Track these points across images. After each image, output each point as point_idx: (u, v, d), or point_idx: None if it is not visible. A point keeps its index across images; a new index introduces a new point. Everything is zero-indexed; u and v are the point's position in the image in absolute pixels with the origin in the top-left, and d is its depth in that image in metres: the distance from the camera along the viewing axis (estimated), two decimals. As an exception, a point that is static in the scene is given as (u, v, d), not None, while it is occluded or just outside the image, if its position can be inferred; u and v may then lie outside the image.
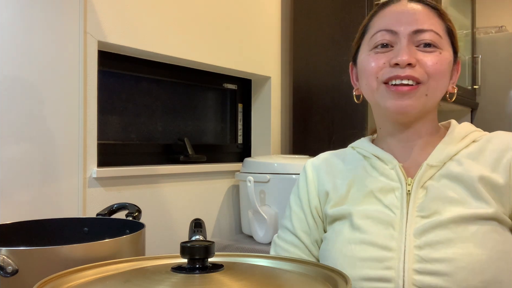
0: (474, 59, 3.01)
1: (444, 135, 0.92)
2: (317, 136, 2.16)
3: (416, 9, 0.89)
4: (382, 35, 0.88)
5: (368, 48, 0.91)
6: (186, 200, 1.76)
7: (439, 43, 0.87)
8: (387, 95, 0.86)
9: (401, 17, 0.88)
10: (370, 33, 0.91)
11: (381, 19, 0.91)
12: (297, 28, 2.26)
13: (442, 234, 0.80)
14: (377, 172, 0.92)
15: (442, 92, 0.89)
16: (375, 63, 0.88)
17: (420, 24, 0.86)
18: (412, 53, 0.85)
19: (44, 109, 1.29)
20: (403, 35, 0.86)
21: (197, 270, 0.57)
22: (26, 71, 1.25)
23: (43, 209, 1.28)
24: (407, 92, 0.84)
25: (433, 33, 0.86)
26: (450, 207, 0.82)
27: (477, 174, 0.83)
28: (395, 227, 0.84)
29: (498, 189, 0.83)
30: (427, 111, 0.89)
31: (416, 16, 0.87)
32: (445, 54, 0.87)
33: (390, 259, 0.82)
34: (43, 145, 1.29)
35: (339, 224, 0.91)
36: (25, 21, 1.25)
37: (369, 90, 0.90)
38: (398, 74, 0.84)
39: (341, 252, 0.86)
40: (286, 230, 0.99)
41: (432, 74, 0.85)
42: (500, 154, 0.85)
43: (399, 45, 0.86)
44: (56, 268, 0.63)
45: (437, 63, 0.85)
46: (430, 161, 0.87)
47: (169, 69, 1.83)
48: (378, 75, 0.87)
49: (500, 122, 2.94)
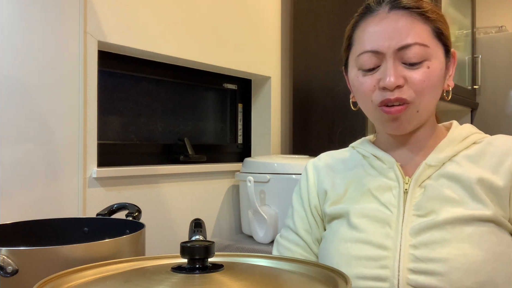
0: (474, 59, 3.01)
1: (444, 136, 0.92)
2: (317, 136, 2.16)
3: (397, 18, 0.84)
4: (368, 57, 0.85)
5: (355, 66, 0.89)
6: (186, 200, 1.76)
7: (426, 55, 0.84)
8: (383, 118, 0.86)
9: (383, 32, 0.84)
10: (355, 50, 0.89)
11: (364, 36, 0.87)
12: (297, 28, 2.26)
13: (438, 235, 0.80)
14: (375, 171, 0.92)
15: (434, 102, 0.88)
16: (366, 86, 0.86)
17: (403, 38, 0.83)
18: (398, 72, 0.83)
19: (44, 109, 1.29)
20: (389, 55, 0.83)
21: (197, 270, 0.57)
22: (26, 71, 1.25)
23: (43, 209, 1.28)
24: (399, 115, 0.84)
25: (418, 46, 0.83)
26: (447, 207, 0.82)
27: (476, 176, 0.83)
28: (392, 226, 0.84)
29: (497, 192, 0.82)
30: (424, 121, 0.89)
31: (399, 30, 0.83)
32: (434, 65, 0.84)
33: (386, 258, 0.82)
34: (43, 145, 1.29)
35: (336, 223, 0.92)
36: (25, 21, 1.25)
37: (367, 112, 0.91)
38: (389, 98, 0.83)
39: (338, 251, 0.87)
40: (289, 229, 1.01)
41: (420, 92, 0.83)
42: (501, 158, 0.84)
43: (385, 65, 0.84)
44: (56, 268, 0.63)
45: (425, 81, 0.83)
46: (429, 161, 0.87)
47: (169, 69, 1.83)
48: (372, 98, 0.86)
49: (500, 122, 2.94)
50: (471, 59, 3.00)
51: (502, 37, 3.08)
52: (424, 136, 0.91)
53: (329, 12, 2.14)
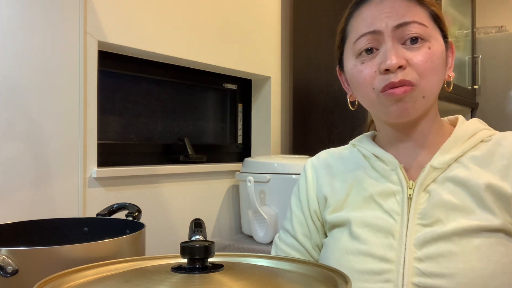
0: (474, 59, 3.01)
1: (449, 133, 0.87)
2: (317, 136, 2.16)
3: (393, 2, 0.82)
4: (366, 39, 0.82)
5: (353, 55, 0.85)
6: (186, 200, 1.76)
7: (426, 35, 0.81)
8: (388, 103, 0.81)
9: (380, 12, 0.81)
10: (351, 38, 0.86)
11: (360, 21, 0.85)
12: (297, 28, 2.26)
13: (445, 247, 0.76)
14: (377, 174, 0.88)
15: (438, 88, 0.84)
16: (366, 73, 0.82)
17: (401, 17, 0.80)
18: (400, 53, 0.79)
19: (44, 109, 1.29)
20: (387, 33, 0.80)
21: (197, 270, 0.57)
22: (26, 71, 1.25)
23: (43, 209, 1.28)
24: (404, 95, 0.79)
25: (416, 24, 0.80)
26: (454, 216, 0.78)
27: (484, 181, 0.78)
28: (395, 236, 0.80)
29: (505, 199, 0.78)
30: (427, 110, 0.85)
31: (395, 9, 0.81)
32: (434, 46, 0.81)
33: (389, 272, 0.78)
34: (43, 145, 1.29)
35: (337, 232, 0.88)
36: (25, 21, 1.25)
37: (368, 101, 0.85)
38: (392, 81, 0.79)
39: (339, 262, 0.83)
40: (287, 233, 0.98)
41: (424, 75, 0.80)
42: (510, 160, 0.80)
43: (384, 47, 0.80)
44: (56, 268, 0.62)
45: (428, 61, 0.80)
46: (433, 163, 0.83)
47: (169, 69, 1.83)
48: (373, 85, 0.81)
49: (500, 122, 2.94)
50: (471, 59, 3.00)
51: (502, 37, 3.08)
52: (427, 131, 0.86)
53: (329, 12, 2.14)
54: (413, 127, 0.86)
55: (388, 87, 0.80)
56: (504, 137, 0.83)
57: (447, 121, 0.92)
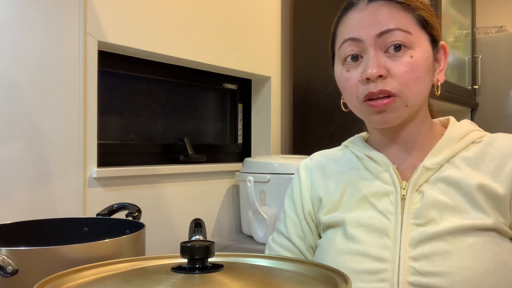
0: (474, 59, 3.01)
1: (440, 134, 0.88)
2: (317, 136, 2.16)
3: (377, 8, 0.82)
4: (348, 46, 0.84)
5: (339, 61, 0.87)
6: (186, 200, 1.76)
7: (410, 42, 0.80)
8: (370, 112, 0.83)
9: (363, 20, 0.83)
10: (337, 43, 0.88)
11: (344, 27, 0.87)
12: (297, 28, 2.26)
13: (439, 246, 0.77)
14: (370, 175, 0.88)
15: (424, 94, 0.84)
16: (351, 82, 0.84)
17: (384, 24, 0.80)
18: (381, 62, 0.80)
19: (44, 109, 1.29)
20: (368, 42, 0.81)
21: (197, 270, 0.57)
22: (25, 71, 1.25)
23: (43, 209, 1.28)
24: (385, 107, 0.80)
25: (400, 31, 0.80)
26: (447, 216, 0.79)
27: (476, 182, 0.79)
28: (390, 235, 0.81)
29: (497, 199, 0.79)
30: (414, 114, 0.86)
31: (379, 17, 0.81)
32: (418, 54, 0.81)
33: (384, 271, 0.79)
34: (43, 145, 1.29)
35: (332, 232, 0.89)
36: (24, 21, 1.25)
37: (353, 108, 0.88)
38: (372, 91, 0.80)
39: (335, 263, 0.83)
40: (281, 234, 0.98)
41: (406, 84, 0.80)
42: (501, 161, 0.81)
43: (367, 55, 0.81)
44: (56, 268, 0.62)
45: (409, 71, 0.79)
46: (426, 164, 0.83)
47: (169, 69, 1.83)
48: (357, 94, 0.83)
49: (500, 122, 2.94)
50: (471, 59, 3.00)
51: (502, 37, 3.08)
52: (417, 133, 0.87)
53: (329, 12, 2.13)
54: (400, 130, 0.87)
55: (368, 97, 0.81)
56: (495, 139, 0.85)
57: (439, 122, 0.93)
